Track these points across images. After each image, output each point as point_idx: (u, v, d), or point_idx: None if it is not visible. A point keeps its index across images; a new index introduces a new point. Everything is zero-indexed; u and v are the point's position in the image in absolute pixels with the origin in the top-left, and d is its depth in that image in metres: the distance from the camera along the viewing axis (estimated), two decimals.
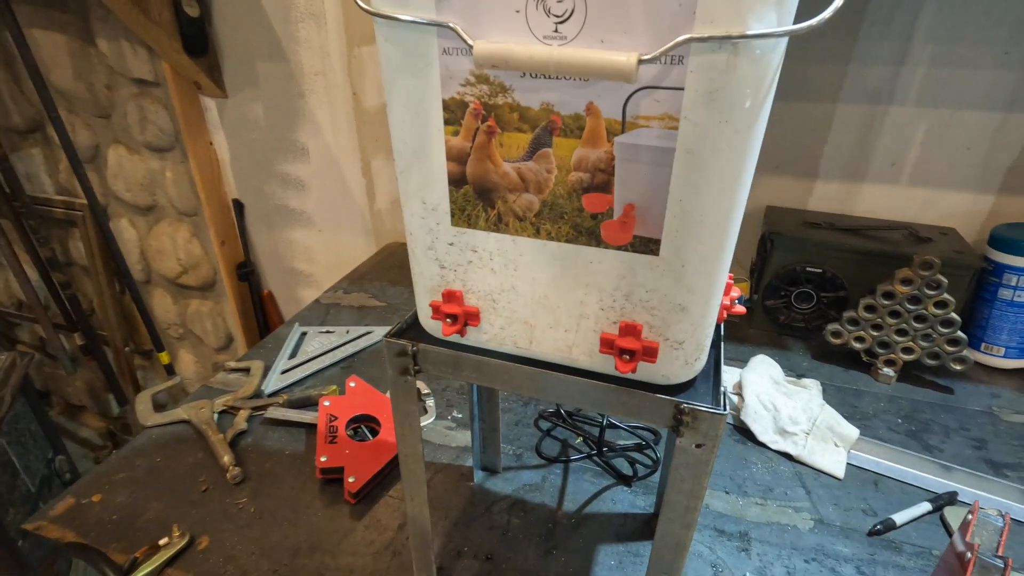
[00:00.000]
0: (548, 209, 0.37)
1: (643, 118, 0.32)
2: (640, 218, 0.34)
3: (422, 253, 0.42)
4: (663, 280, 0.36)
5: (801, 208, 1.11)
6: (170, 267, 1.69)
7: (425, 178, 0.39)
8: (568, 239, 0.37)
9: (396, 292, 1.22)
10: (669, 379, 0.39)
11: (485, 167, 0.37)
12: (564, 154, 0.35)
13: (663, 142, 0.32)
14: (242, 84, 1.40)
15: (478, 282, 0.41)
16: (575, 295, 0.39)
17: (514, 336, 0.43)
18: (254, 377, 0.91)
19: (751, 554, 0.64)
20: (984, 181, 0.99)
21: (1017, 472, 0.75)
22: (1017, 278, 0.89)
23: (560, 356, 0.42)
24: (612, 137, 0.33)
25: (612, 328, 0.39)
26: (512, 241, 0.39)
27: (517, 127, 0.35)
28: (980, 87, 0.93)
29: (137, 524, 0.67)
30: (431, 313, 0.44)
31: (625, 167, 0.33)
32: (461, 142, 0.37)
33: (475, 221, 0.39)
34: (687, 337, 0.37)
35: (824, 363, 0.97)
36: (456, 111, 0.36)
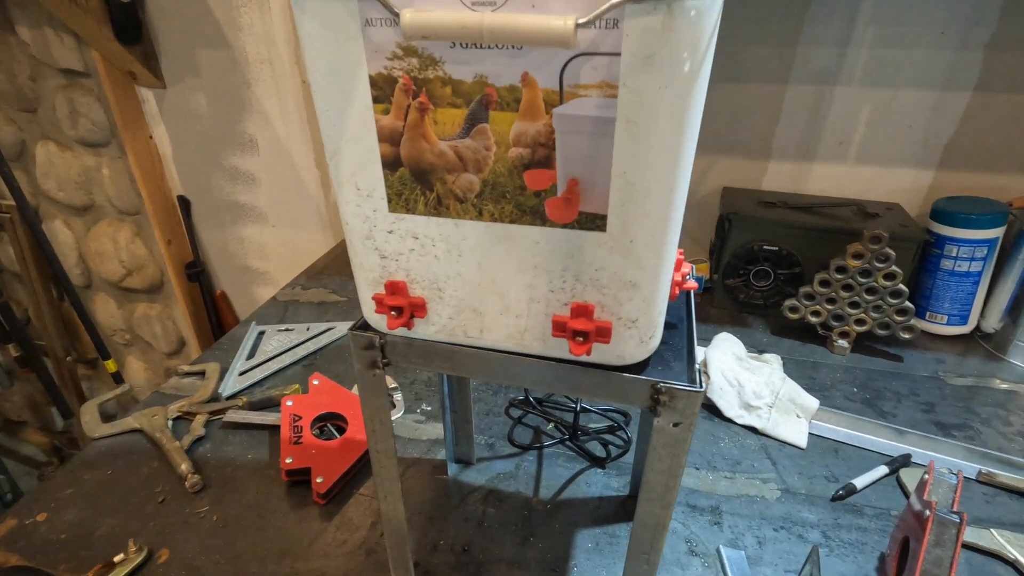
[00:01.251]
0: (489, 189, 0.35)
1: (581, 87, 0.31)
2: (584, 193, 0.33)
3: (360, 243, 0.40)
4: (612, 257, 0.35)
5: (756, 188, 1.13)
6: (112, 270, 1.59)
7: (357, 162, 0.37)
8: (512, 219, 0.36)
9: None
10: (624, 359, 0.38)
11: (420, 147, 0.35)
12: (502, 129, 0.33)
13: (603, 111, 0.31)
14: (182, 73, 1.33)
15: (422, 271, 0.40)
16: (523, 278, 0.38)
17: (463, 325, 0.41)
18: (210, 380, 0.87)
19: (723, 527, 0.65)
20: (924, 158, 1.04)
21: (963, 432, 0.79)
22: (957, 248, 0.94)
23: (512, 343, 0.41)
24: (550, 109, 0.32)
25: (564, 310, 0.38)
26: (454, 225, 0.37)
27: (451, 102, 0.33)
28: (919, 67, 0.97)
29: (89, 542, 0.63)
30: (375, 307, 0.42)
31: (565, 140, 0.32)
32: (392, 121, 0.35)
33: (414, 206, 0.37)
34: (640, 315, 0.37)
35: (783, 338, 1.00)
36: (385, 87, 0.34)
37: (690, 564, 0.61)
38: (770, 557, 0.61)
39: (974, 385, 0.89)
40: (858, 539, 0.63)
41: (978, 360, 0.95)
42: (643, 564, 0.45)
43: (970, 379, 0.90)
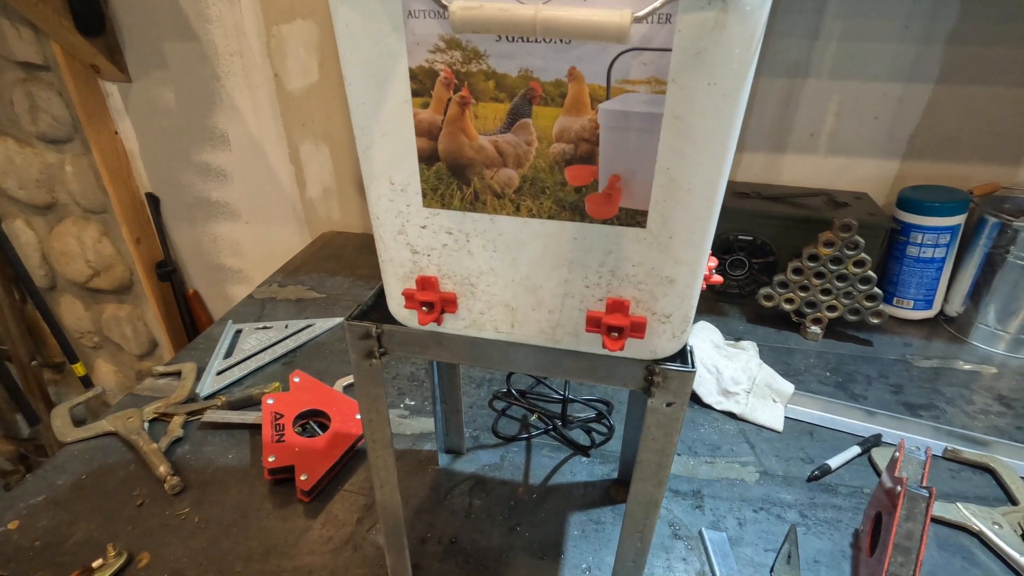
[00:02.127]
0: (528, 184, 0.35)
1: (628, 82, 0.30)
2: (626, 189, 0.33)
3: (391, 239, 0.39)
4: (650, 253, 0.35)
5: (731, 180, 1.16)
6: (78, 270, 1.54)
7: (392, 156, 0.36)
8: (550, 215, 0.35)
9: (335, 283, 1.17)
10: (656, 354, 0.39)
11: (459, 141, 0.34)
12: (545, 124, 0.33)
13: (650, 107, 0.30)
14: (148, 66, 1.29)
15: (454, 266, 0.39)
16: (559, 274, 0.37)
17: (494, 321, 0.41)
18: (186, 380, 0.85)
19: (704, 510, 0.67)
20: (890, 148, 1.07)
21: (930, 412, 0.82)
22: (922, 236, 0.97)
23: (544, 338, 0.40)
24: (596, 104, 0.31)
25: (598, 306, 0.38)
26: (490, 220, 0.37)
27: (493, 96, 0.33)
28: (884, 59, 1.00)
29: (65, 548, 0.61)
30: (404, 303, 0.42)
31: (610, 136, 0.32)
32: (431, 115, 0.34)
33: (449, 201, 0.37)
34: (674, 310, 0.37)
35: (758, 325, 1.02)
36: (425, 81, 0.33)
37: (674, 547, 0.62)
38: (750, 538, 0.63)
39: (939, 367, 0.93)
40: (833, 517, 0.66)
41: (942, 343, 0.99)
42: (636, 542, 0.46)
43: (935, 361, 0.94)
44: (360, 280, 1.18)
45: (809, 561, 0.60)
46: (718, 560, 0.60)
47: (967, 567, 0.60)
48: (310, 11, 1.17)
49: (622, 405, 0.82)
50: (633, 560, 0.48)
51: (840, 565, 0.60)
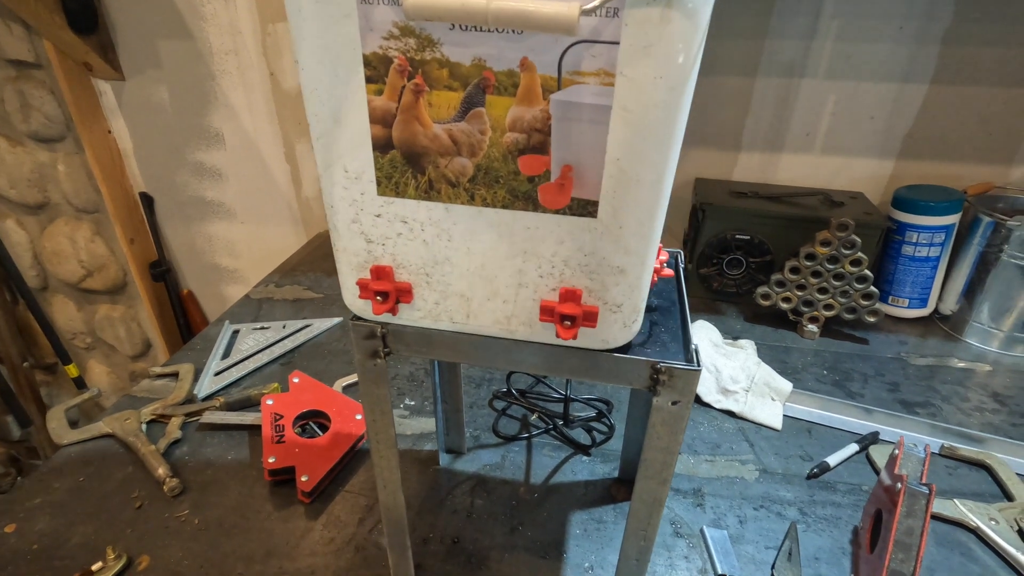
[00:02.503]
0: (483, 173, 0.35)
1: (579, 74, 0.31)
2: (578, 180, 0.34)
3: (345, 227, 0.39)
4: (601, 243, 0.36)
5: (728, 179, 1.16)
6: (71, 270, 1.53)
7: (346, 144, 0.36)
8: (504, 204, 0.36)
9: (333, 283, 1.17)
10: (608, 343, 0.39)
11: (413, 129, 0.35)
12: (498, 113, 0.33)
13: (600, 99, 0.31)
14: (142, 65, 1.28)
15: (409, 255, 0.39)
16: (513, 263, 0.38)
17: (450, 311, 0.41)
18: (184, 381, 0.84)
19: (705, 508, 0.67)
20: (886, 148, 1.08)
21: (926, 409, 0.83)
22: (917, 235, 0.98)
23: (499, 328, 0.41)
24: (548, 95, 0.32)
25: (551, 295, 0.38)
26: (445, 209, 0.37)
27: (447, 85, 0.33)
28: (879, 60, 1.01)
29: (63, 551, 0.61)
30: (358, 292, 0.42)
31: (562, 126, 0.33)
32: (385, 102, 0.34)
33: (404, 189, 0.37)
34: (625, 300, 0.37)
35: (756, 324, 1.03)
36: (379, 67, 0.33)
37: (675, 545, 0.62)
38: (751, 535, 0.64)
39: (934, 364, 0.93)
40: (833, 514, 0.66)
41: (937, 341, 1.00)
42: (640, 540, 0.46)
43: (930, 359, 0.95)
44: None
45: (809, 558, 0.61)
46: (720, 558, 0.60)
47: (965, 563, 0.61)
48: None
49: (623, 404, 0.82)
50: (637, 558, 0.48)
51: (840, 562, 0.61)
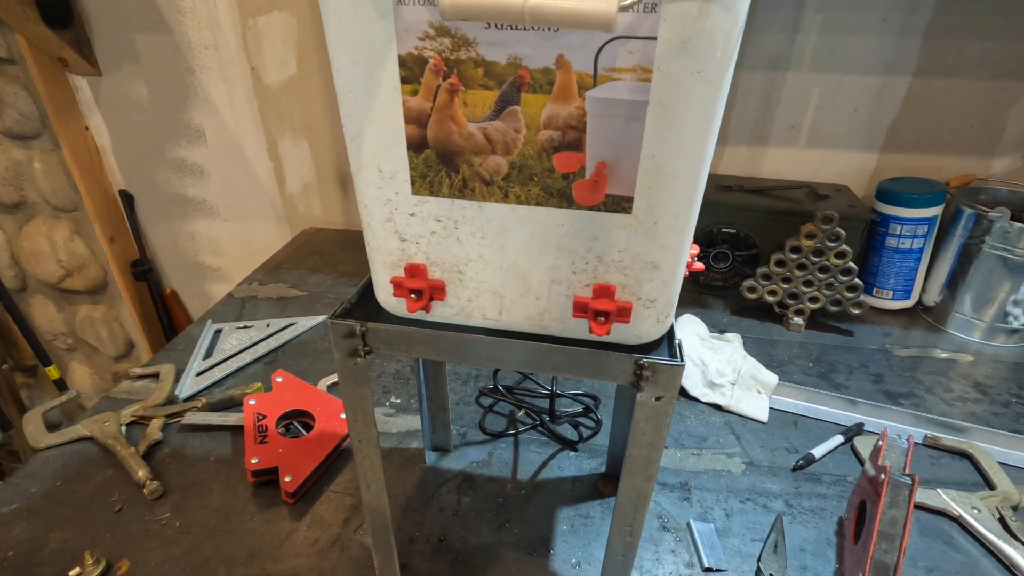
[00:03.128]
0: (517, 171, 0.35)
1: (615, 70, 0.31)
2: (612, 176, 0.34)
3: (379, 226, 0.39)
4: (636, 239, 0.36)
5: (714, 172, 1.16)
6: (50, 271, 1.50)
7: (381, 144, 0.36)
8: (538, 202, 0.36)
9: (317, 280, 1.16)
10: (641, 338, 0.39)
11: (448, 128, 0.34)
12: (533, 112, 0.33)
13: (636, 95, 0.31)
14: (118, 60, 1.25)
15: (443, 253, 0.39)
16: (546, 260, 0.38)
17: (483, 308, 0.41)
18: (165, 382, 0.83)
19: (692, 502, 0.67)
20: (869, 141, 1.08)
21: (909, 400, 0.84)
22: (901, 227, 0.99)
23: (531, 325, 0.41)
24: (583, 92, 0.32)
25: (585, 291, 0.38)
26: (479, 207, 0.37)
27: (482, 84, 0.33)
28: (863, 52, 1.01)
29: (40, 558, 0.59)
30: (392, 291, 0.42)
31: (597, 123, 0.32)
32: (420, 102, 0.34)
33: (438, 188, 0.37)
34: (659, 295, 0.37)
35: (742, 317, 1.03)
36: (414, 68, 0.33)
37: (662, 540, 0.62)
38: (738, 528, 0.64)
39: (918, 355, 0.94)
40: (818, 506, 0.67)
41: (920, 332, 1.01)
42: (626, 536, 0.46)
43: (914, 350, 0.96)
44: (342, 277, 1.16)
45: (795, 550, 0.61)
46: (706, 551, 0.60)
47: (947, 551, 0.61)
48: (287, 2, 1.14)
49: (609, 400, 0.82)
50: (623, 554, 0.48)
51: (825, 553, 0.61)
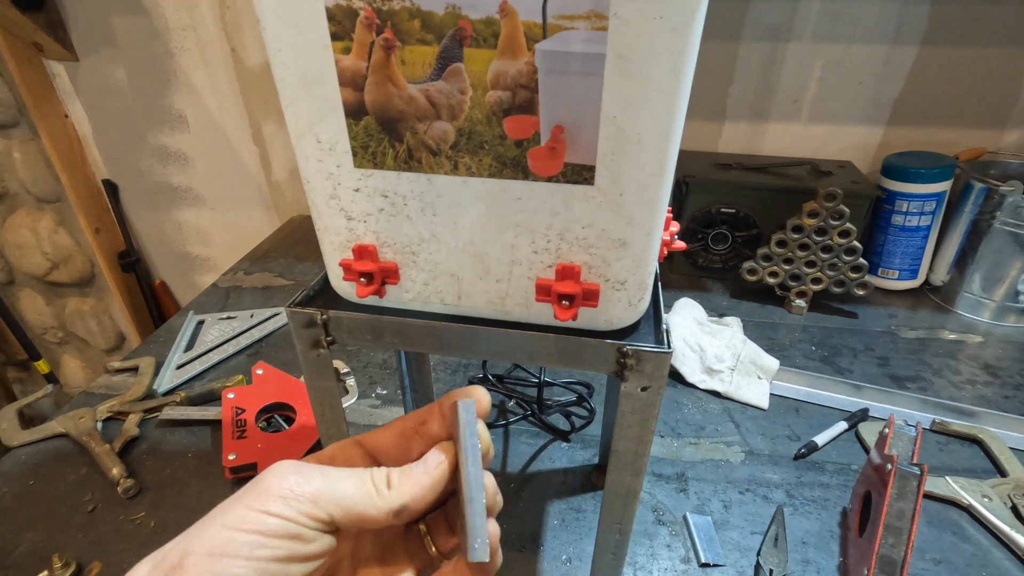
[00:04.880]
0: (465, 139, 0.31)
1: (566, 18, 0.27)
2: (571, 142, 0.30)
3: (324, 203, 0.36)
4: (600, 213, 0.32)
5: (712, 151, 1.12)
6: (36, 263, 1.47)
7: (316, 111, 0.32)
8: (491, 173, 0.32)
9: (304, 268, 1.12)
10: (612, 323, 0.36)
11: (386, 91, 0.31)
12: (479, 69, 0.29)
13: (591, 47, 0.27)
14: (95, 43, 1.21)
15: (393, 232, 0.36)
16: (504, 239, 0.34)
17: (440, 292, 0.38)
18: (143, 376, 0.80)
19: (689, 493, 0.64)
20: (875, 114, 1.04)
21: (916, 383, 0.81)
22: (907, 203, 0.95)
23: (493, 310, 0.37)
24: (532, 45, 0.28)
25: (548, 272, 0.35)
26: (427, 180, 0.33)
27: (420, 38, 0.29)
28: (869, 21, 0.96)
29: (9, 560, 0.57)
30: (342, 274, 0.38)
31: (549, 80, 0.29)
32: (355, 61, 0.30)
33: (382, 160, 0.33)
34: (629, 276, 0.34)
35: (742, 300, 0.99)
36: (344, 21, 0.29)
37: (657, 534, 0.60)
38: (736, 520, 0.61)
39: (925, 337, 0.91)
40: (821, 496, 0.64)
41: (927, 313, 0.97)
42: (615, 534, 0.43)
43: (921, 331, 0.92)
44: None
45: (797, 543, 0.58)
46: (703, 545, 0.58)
47: (957, 542, 0.58)
48: None
49: (603, 388, 0.79)
50: (613, 552, 0.45)
51: (828, 546, 0.58)
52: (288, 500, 0.23)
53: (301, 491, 0.23)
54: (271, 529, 0.22)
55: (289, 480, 0.24)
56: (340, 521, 0.24)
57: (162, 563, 0.22)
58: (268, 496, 0.23)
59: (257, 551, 0.22)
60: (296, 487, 0.23)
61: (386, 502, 0.25)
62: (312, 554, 0.24)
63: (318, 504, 0.23)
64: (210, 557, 0.22)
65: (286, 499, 0.23)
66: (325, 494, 0.24)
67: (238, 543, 0.22)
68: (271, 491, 0.23)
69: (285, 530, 0.23)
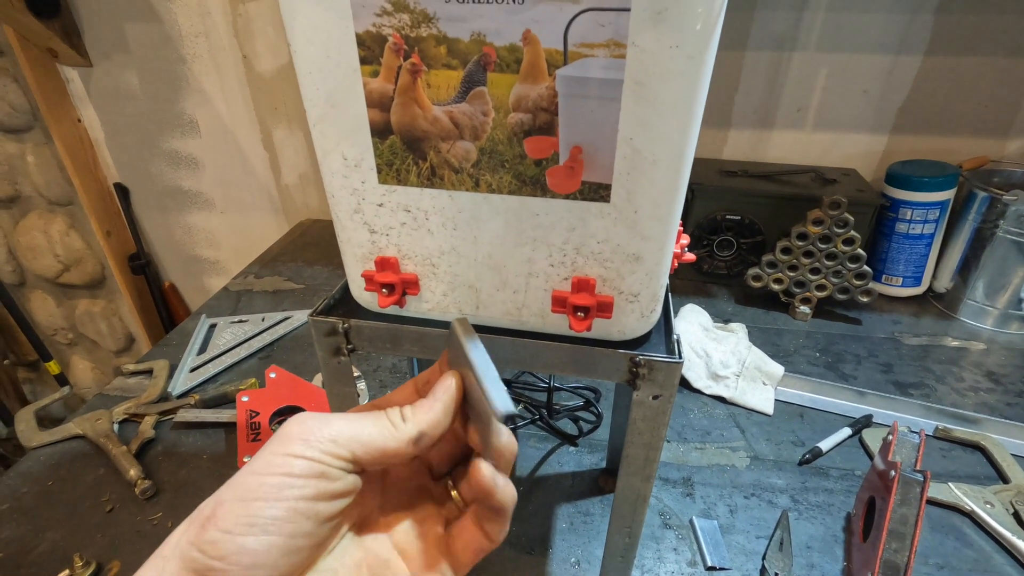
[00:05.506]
0: (487, 158, 0.33)
1: (586, 46, 0.28)
2: (588, 162, 0.31)
3: (347, 217, 0.37)
4: (615, 229, 0.33)
5: (717, 157, 1.13)
6: (47, 265, 1.49)
7: (344, 130, 0.34)
8: (511, 190, 0.33)
9: (314, 272, 1.14)
10: (625, 334, 0.37)
11: (412, 112, 0.32)
12: (501, 93, 0.31)
13: (610, 73, 0.29)
14: (109, 50, 1.23)
15: (414, 245, 0.37)
16: (522, 252, 0.36)
17: (458, 302, 0.39)
18: (158, 379, 0.82)
19: (695, 498, 0.65)
20: (879, 122, 1.05)
21: (920, 390, 0.82)
22: (911, 211, 0.96)
23: (509, 320, 0.39)
24: (553, 70, 0.29)
25: (563, 285, 0.36)
26: (449, 197, 0.35)
27: (446, 63, 0.30)
28: (873, 30, 0.97)
29: (29, 559, 0.58)
30: (364, 284, 0.40)
31: (569, 104, 0.30)
32: (382, 84, 0.32)
33: (405, 176, 0.35)
34: (642, 288, 0.35)
35: (747, 307, 1.00)
36: (373, 47, 0.31)
37: (664, 537, 0.61)
38: (742, 524, 0.62)
39: (928, 344, 0.92)
40: (825, 501, 0.65)
41: (931, 320, 0.98)
42: (624, 538, 0.44)
43: (924, 338, 0.93)
44: (340, 270, 1.14)
45: (801, 547, 0.59)
46: (709, 549, 0.59)
47: (959, 547, 0.59)
48: None
49: (611, 392, 0.80)
50: (622, 555, 0.46)
51: (832, 550, 0.59)
52: (310, 441, 0.24)
53: (321, 433, 0.24)
54: (297, 470, 0.23)
55: (308, 424, 0.25)
56: (362, 458, 0.25)
57: (197, 516, 0.23)
58: (291, 440, 0.24)
59: (286, 491, 0.23)
60: (316, 430, 0.24)
61: (404, 433, 0.26)
62: (339, 492, 0.24)
63: (338, 443, 0.24)
64: (241, 502, 0.23)
65: (307, 441, 0.24)
66: (345, 433, 0.25)
67: (268, 486, 0.23)
68: (293, 436, 0.24)
69: (311, 469, 0.24)
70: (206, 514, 0.23)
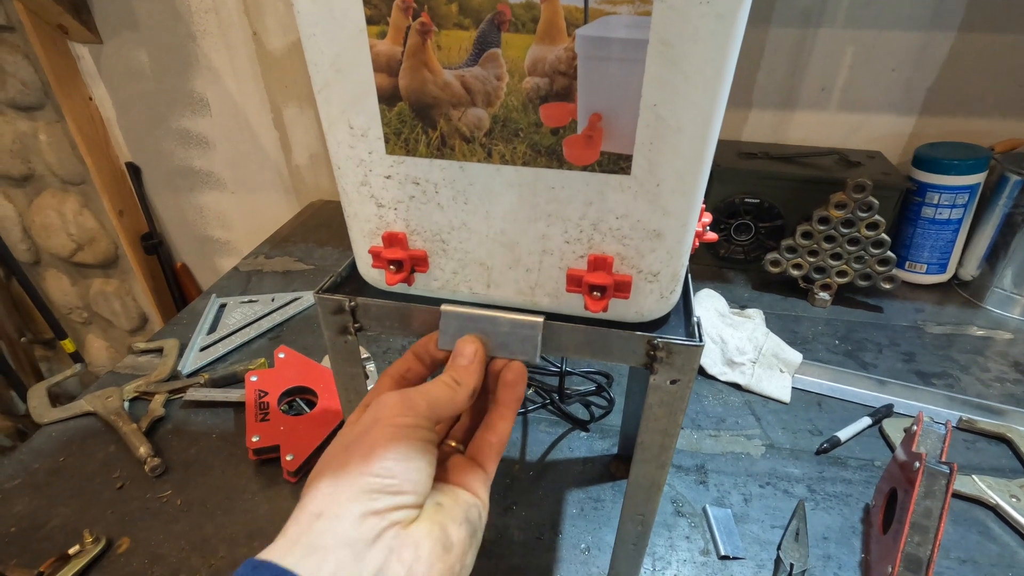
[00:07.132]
0: (500, 126, 0.31)
1: (609, 2, 0.26)
2: (608, 130, 0.29)
3: (354, 190, 0.36)
4: (636, 203, 0.31)
5: (737, 139, 1.10)
6: (61, 244, 1.50)
7: (349, 96, 0.32)
8: (525, 161, 0.31)
9: (324, 253, 1.13)
10: (643, 315, 0.35)
11: (421, 77, 0.30)
12: (516, 55, 0.28)
13: (634, 32, 0.26)
14: (118, 26, 1.21)
15: (423, 220, 0.35)
16: (536, 228, 0.34)
17: (469, 280, 0.37)
18: (168, 357, 0.81)
19: (709, 485, 0.64)
20: (907, 103, 1.01)
21: (943, 380, 0.79)
22: (939, 196, 0.92)
23: (522, 299, 0.37)
24: (572, 30, 0.27)
25: (579, 263, 0.34)
26: (460, 168, 0.33)
27: (457, 23, 0.28)
28: (904, 6, 0.93)
29: (41, 534, 0.59)
30: (371, 261, 0.38)
31: (589, 67, 0.28)
32: (390, 47, 0.30)
33: (414, 146, 0.33)
34: (662, 267, 0.33)
35: (764, 292, 0.98)
36: (380, 5, 0.29)
37: (676, 525, 0.60)
38: (756, 514, 0.61)
39: (952, 333, 0.89)
40: (843, 491, 0.63)
41: (956, 308, 0.95)
42: (638, 525, 0.43)
43: (948, 327, 0.90)
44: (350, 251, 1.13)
45: (818, 538, 0.58)
46: (723, 538, 0.57)
47: (983, 542, 0.58)
48: None
49: (623, 377, 0.79)
50: (634, 543, 0.45)
51: (850, 541, 0.58)
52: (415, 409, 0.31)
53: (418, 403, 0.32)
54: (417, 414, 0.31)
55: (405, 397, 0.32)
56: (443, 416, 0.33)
57: (357, 423, 0.31)
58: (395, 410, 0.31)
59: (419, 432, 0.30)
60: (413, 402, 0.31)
61: (462, 392, 0.33)
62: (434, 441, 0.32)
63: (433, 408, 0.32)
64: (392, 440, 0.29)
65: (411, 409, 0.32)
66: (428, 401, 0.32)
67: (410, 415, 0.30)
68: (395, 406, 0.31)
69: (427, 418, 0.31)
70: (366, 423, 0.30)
